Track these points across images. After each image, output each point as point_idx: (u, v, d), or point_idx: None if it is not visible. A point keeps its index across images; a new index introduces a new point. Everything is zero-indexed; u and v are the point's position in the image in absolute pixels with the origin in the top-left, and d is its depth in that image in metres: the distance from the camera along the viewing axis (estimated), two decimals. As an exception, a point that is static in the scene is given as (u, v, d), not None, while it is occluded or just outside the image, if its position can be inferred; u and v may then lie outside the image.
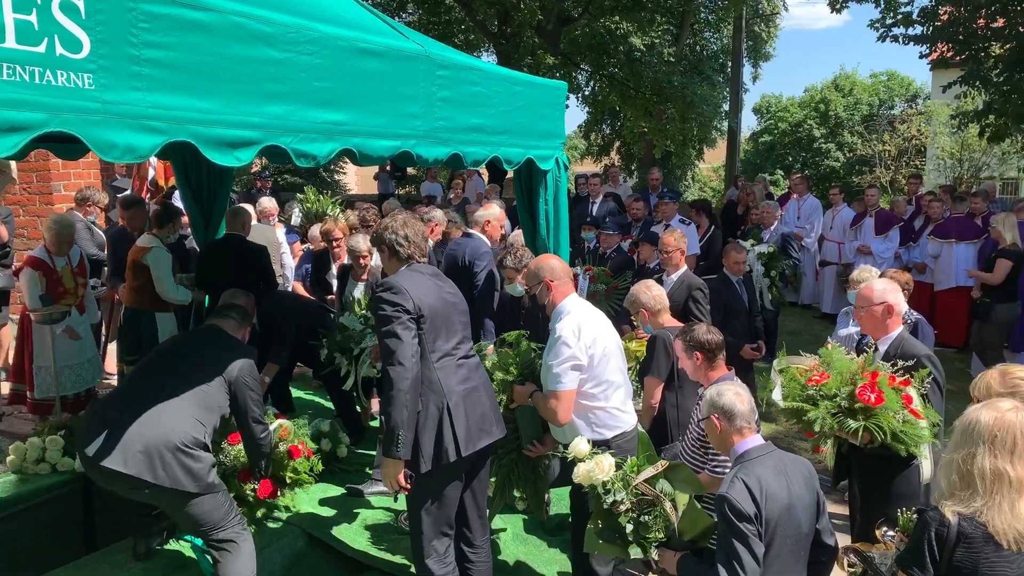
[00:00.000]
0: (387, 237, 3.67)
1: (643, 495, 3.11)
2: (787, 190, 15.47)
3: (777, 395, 3.76)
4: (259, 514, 4.38)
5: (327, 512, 4.89)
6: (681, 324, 4.95)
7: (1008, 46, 14.40)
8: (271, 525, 4.55)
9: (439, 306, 3.56)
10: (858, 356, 3.85)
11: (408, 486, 3.44)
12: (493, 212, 6.80)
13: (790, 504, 2.80)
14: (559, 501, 5.58)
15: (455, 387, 3.53)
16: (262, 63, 2.98)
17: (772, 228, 8.89)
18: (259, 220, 7.92)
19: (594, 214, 10.01)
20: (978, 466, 2.34)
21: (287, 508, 4.57)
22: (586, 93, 21.95)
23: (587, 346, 3.76)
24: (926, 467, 3.51)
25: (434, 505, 3.54)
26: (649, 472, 3.19)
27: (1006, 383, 2.86)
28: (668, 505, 3.04)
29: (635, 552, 3.07)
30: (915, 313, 4.73)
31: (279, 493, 4.42)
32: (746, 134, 39.52)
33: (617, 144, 28.12)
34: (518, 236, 6.16)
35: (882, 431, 3.38)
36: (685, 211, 10.51)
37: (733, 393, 3.03)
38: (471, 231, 6.55)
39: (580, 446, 3.46)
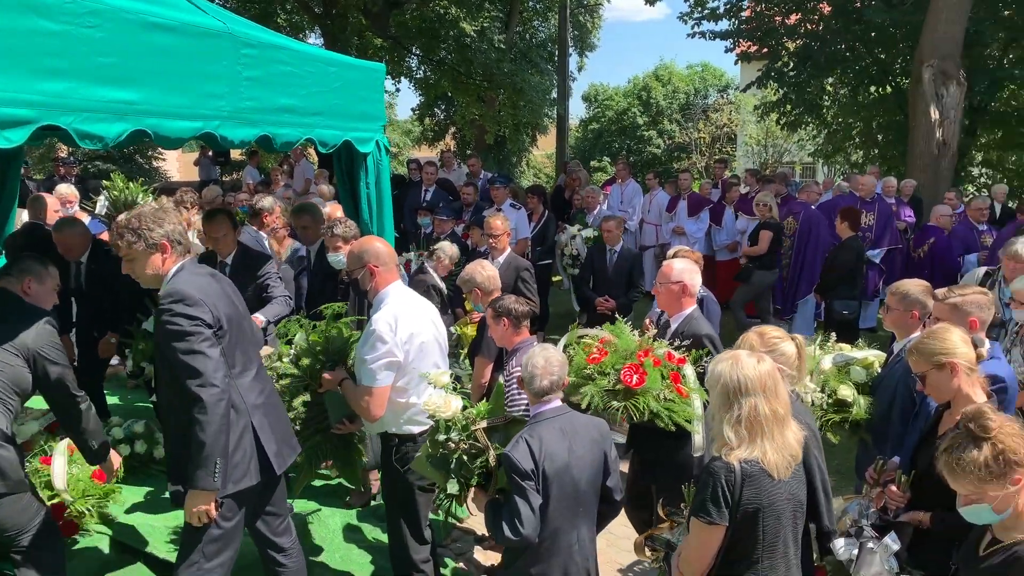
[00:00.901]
0: (152, 233, 3.13)
1: (476, 442, 3.27)
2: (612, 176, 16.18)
3: None
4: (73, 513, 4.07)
5: (139, 518, 4.61)
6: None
7: (799, 42, 15.77)
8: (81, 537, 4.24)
9: (233, 313, 3.27)
10: (658, 331, 4.11)
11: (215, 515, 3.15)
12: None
13: (568, 463, 3.07)
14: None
15: (255, 401, 3.30)
16: (36, 36, 2.75)
17: (595, 212, 9.26)
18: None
19: (428, 200, 10.01)
20: (762, 413, 2.60)
21: (94, 513, 4.26)
22: (418, 77, 21.81)
23: (403, 341, 3.68)
24: (697, 440, 3.70)
25: (223, 530, 3.23)
26: (490, 422, 3.35)
27: (765, 343, 3.16)
28: (492, 455, 3.19)
29: (452, 486, 3.25)
30: (704, 289, 5.08)
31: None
32: (576, 121, 40.87)
33: (452, 129, 28.22)
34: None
35: (639, 411, 3.57)
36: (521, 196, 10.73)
37: (543, 360, 3.18)
38: None
39: (442, 378, 3.53)
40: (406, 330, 3.71)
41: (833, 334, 4.39)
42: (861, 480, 3.44)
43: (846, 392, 3.78)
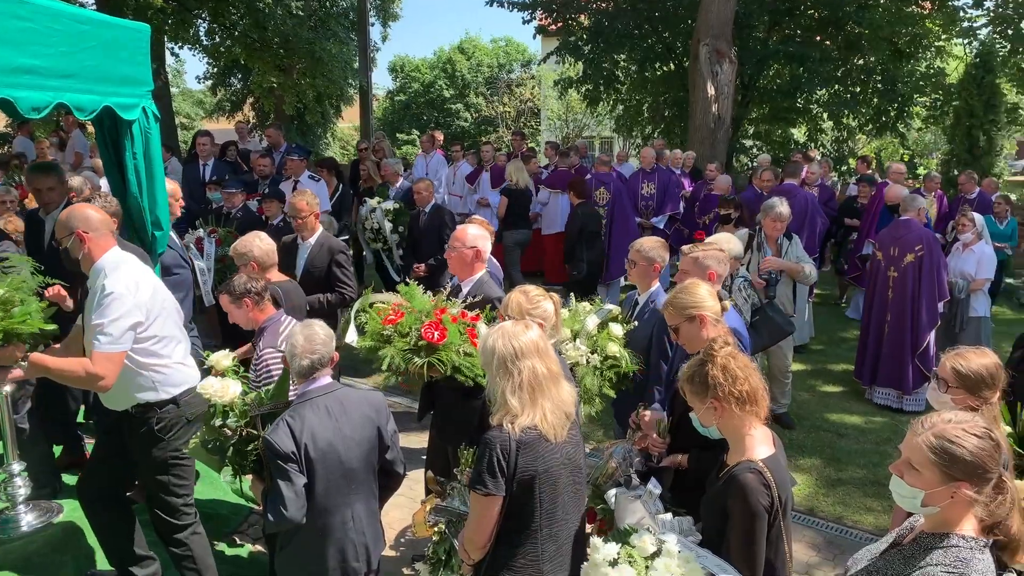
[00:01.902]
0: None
1: (252, 429, 3.18)
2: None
3: (351, 337, 3.92)
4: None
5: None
6: (287, 277, 4.90)
7: (592, 18, 16.41)
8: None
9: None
10: (454, 296, 4.16)
11: None
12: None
13: (334, 442, 3.04)
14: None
15: None
16: None
17: (397, 185, 9.18)
18: None
19: (207, 177, 9.39)
20: (540, 373, 2.69)
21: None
22: (206, 44, 20.39)
23: (144, 301, 3.51)
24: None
25: None
26: (271, 407, 3.25)
27: (531, 300, 3.33)
28: (261, 441, 3.10)
29: (227, 473, 3.19)
30: (493, 260, 5.22)
31: None
32: (382, 93, 40.18)
33: (251, 100, 26.73)
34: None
35: (444, 365, 3.65)
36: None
37: (303, 338, 3.12)
38: None
39: (223, 361, 3.43)
40: (147, 290, 3.56)
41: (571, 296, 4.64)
42: (622, 427, 3.66)
43: (614, 349, 4.03)
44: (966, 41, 15.98)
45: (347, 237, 9.11)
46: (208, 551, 3.94)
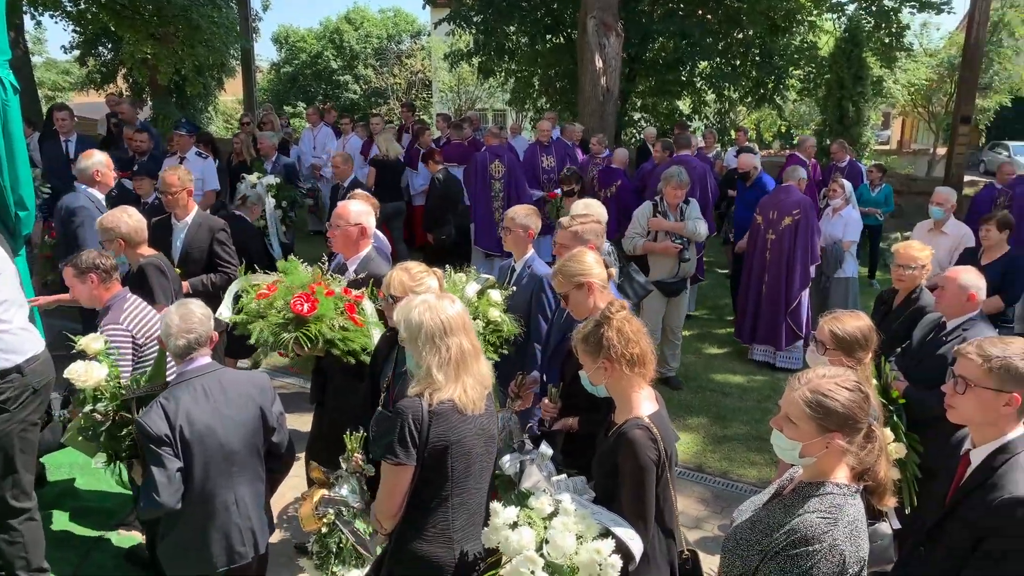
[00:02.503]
0: None
1: (126, 412, 3.10)
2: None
3: (224, 313, 3.82)
4: None
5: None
6: (156, 252, 4.70)
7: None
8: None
9: None
10: (339, 274, 4.09)
11: None
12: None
13: (212, 423, 2.98)
14: (56, 469, 5.04)
15: None
16: None
17: (273, 159, 8.91)
18: None
19: (71, 154, 8.81)
20: (465, 350, 2.70)
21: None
22: (70, 10, 19.01)
23: None
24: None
25: None
26: (146, 390, 3.16)
27: (414, 278, 3.31)
28: (134, 425, 3.02)
29: (100, 459, 3.11)
30: (380, 236, 5.16)
31: None
32: (267, 64, 38.72)
33: (123, 71, 25.17)
34: None
35: (311, 339, 3.55)
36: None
37: (178, 317, 3.03)
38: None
39: (93, 344, 3.31)
40: None
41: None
42: (504, 391, 3.72)
43: (495, 314, 4.08)
44: (835, 16, 16.82)
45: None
46: (40, 540, 3.76)
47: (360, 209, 4.28)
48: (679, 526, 2.78)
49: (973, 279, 4.07)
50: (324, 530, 2.91)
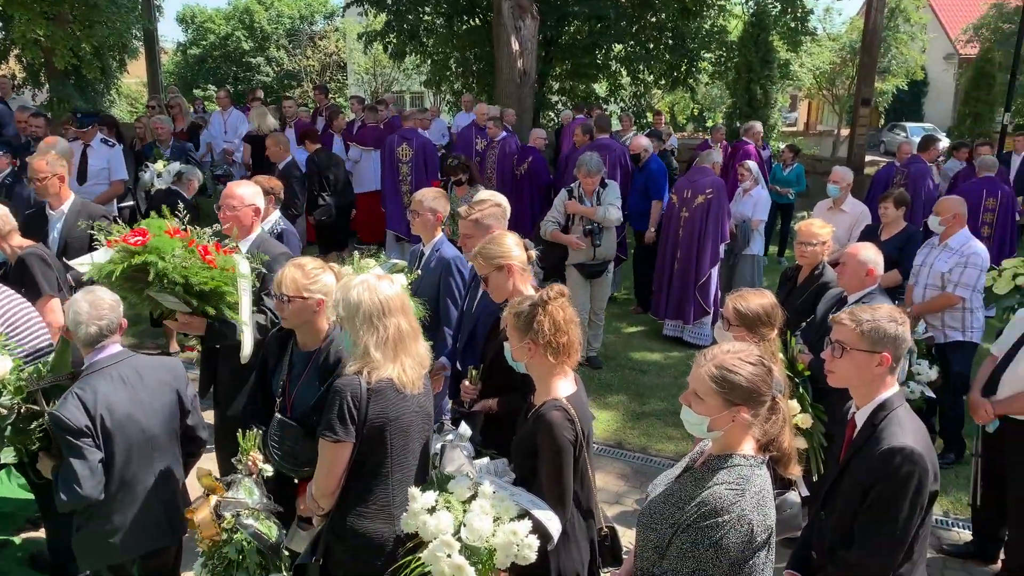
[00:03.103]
0: None
1: (33, 405, 3.02)
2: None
3: (82, 266, 3.67)
4: None
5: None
6: (33, 242, 4.50)
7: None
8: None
9: None
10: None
11: None
12: None
13: (132, 411, 2.96)
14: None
15: None
16: None
17: (169, 144, 8.61)
18: None
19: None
20: (404, 330, 2.73)
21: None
22: (-48, -13, 17.78)
23: None
24: (246, 346, 3.68)
25: None
26: (51, 380, 3.09)
27: (308, 275, 3.08)
28: (48, 418, 2.92)
29: (8, 455, 3.03)
30: (283, 223, 5.05)
31: None
32: (172, 46, 37.19)
33: (15, 51, 23.72)
34: None
35: (146, 272, 3.35)
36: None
37: (87, 304, 2.96)
38: None
39: None
40: None
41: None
42: None
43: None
44: (743, 0, 17.25)
45: (131, 204, 8.53)
46: None
47: (252, 191, 4.20)
48: (598, 504, 2.84)
49: (872, 255, 4.27)
50: (223, 537, 2.79)
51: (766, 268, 8.91)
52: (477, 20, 16.64)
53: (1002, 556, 4.38)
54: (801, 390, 4.13)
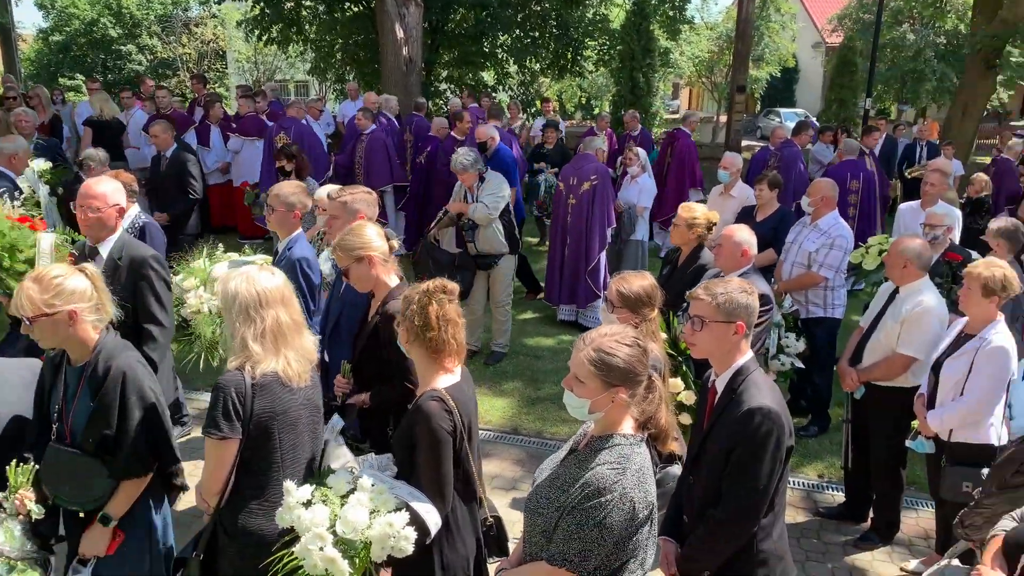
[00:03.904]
0: None
1: None
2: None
3: None
4: None
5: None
6: None
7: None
8: None
9: None
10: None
11: None
12: None
13: None
14: None
15: None
16: None
17: (33, 139, 8.07)
18: None
19: None
20: (284, 323, 2.65)
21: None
22: None
23: None
24: None
25: None
26: None
27: (49, 288, 2.72)
28: None
29: None
30: (144, 216, 4.80)
31: None
32: (32, 31, 34.76)
33: None
34: None
35: None
36: None
37: None
38: None
39: None
40: None
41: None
42: None
43: None
44: (624, -10, 17.64)
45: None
46: None
47: (114, 187, 3.93)
48: (484, 494, 2.84)
49: (746, 236, 4.45)
50: None
51: (651, 251, 9.19)
52: (360, 7, 16.32)
53: (871, 514, 4.69)
54: (685, 368, 4.29)
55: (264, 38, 16.65)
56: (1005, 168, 10.32)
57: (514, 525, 3.35)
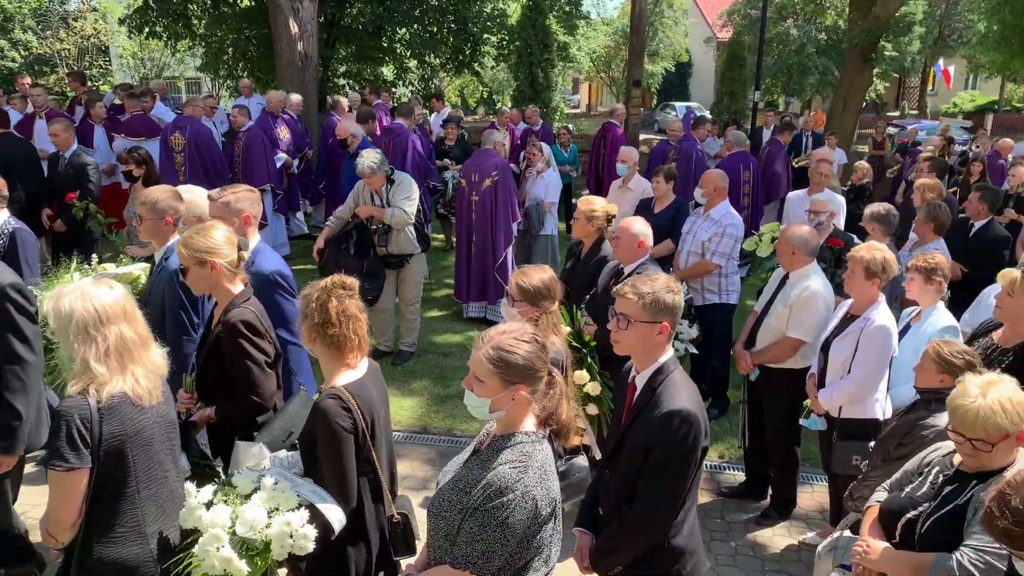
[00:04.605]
0: None
1: None
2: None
3: None
4: None
5: None
6: None
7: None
8: None
9: None
10: None
11: None
12: None
13: None
14: None
15: None
16: None
17: None
18: None
19: None
20: (128, 338, 2.47)
21: None
22: None
23: None
24: None
25: None
26: None
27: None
28: None
29: None
30: (14, 222, 4.48)
31: None
32: None
33: None
34: None
35: None
36: None
37: None
38: None
39: None
40: None
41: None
42: None
43: None
44: (522, -15, 17.74)
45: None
46: None
47: None
48: (389, 491, 2.80)
49: (641, 227, 4.55)
50: None
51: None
52: (251, 1, 15.80)
53: (770, 491, 4.89)
54: (589, 360, 4.36)
55: (146, 32, 15.87)
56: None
57: (424, 525, 3.32)
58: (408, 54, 17.07)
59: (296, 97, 11.02)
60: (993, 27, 20.20)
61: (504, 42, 17.36)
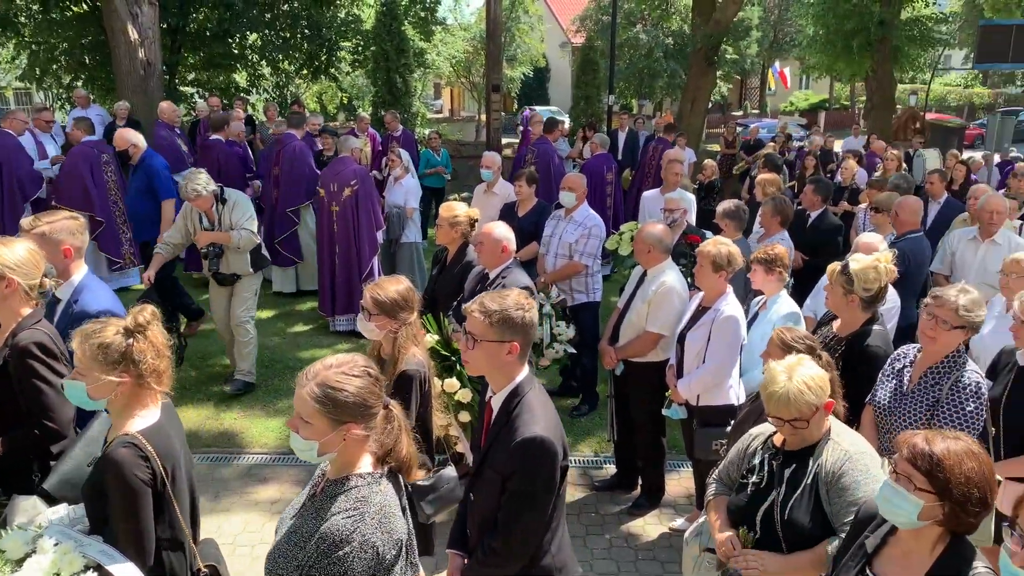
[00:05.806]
0: None
1: None
2: None
3: None
4: None
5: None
6: None
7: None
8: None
9: None
10: None
11: None
12: None
13: None
14: None
15: None
16: None
17: None
18: None
19: None
20: None
21: None
22: None
23: None
24: None
25: None
26: None
27: None
28: None
29: None
30: None
31: None
32: None
33: None
34: None
35: None
36: None
37: None
38: None
39: None
40: None
41: None
42: None
43: None
44: (374, -11, 17.56)
45: None
46: None
47: None
48: (193, 543, 2.55)
49: (504, 232, 4.59)
50: None
51: (427, 252, 9.20)
52: (84, 6, 14.78)
53: (640, 482, 5.05)
54: (459, 367, 4.34)
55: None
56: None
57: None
58: (260, 60, 16.50)
59: (166, 104, 10.23)
60: (820, 31, 21.86)
61: (360, 48, 17.08)
